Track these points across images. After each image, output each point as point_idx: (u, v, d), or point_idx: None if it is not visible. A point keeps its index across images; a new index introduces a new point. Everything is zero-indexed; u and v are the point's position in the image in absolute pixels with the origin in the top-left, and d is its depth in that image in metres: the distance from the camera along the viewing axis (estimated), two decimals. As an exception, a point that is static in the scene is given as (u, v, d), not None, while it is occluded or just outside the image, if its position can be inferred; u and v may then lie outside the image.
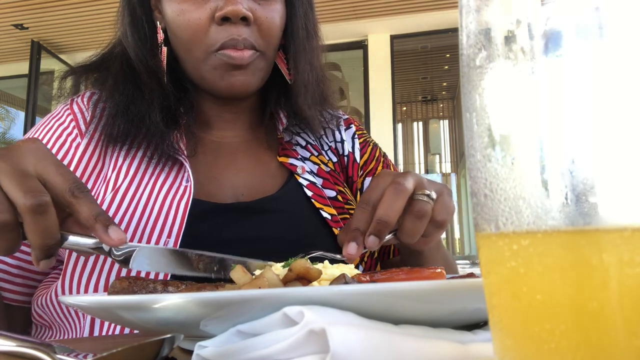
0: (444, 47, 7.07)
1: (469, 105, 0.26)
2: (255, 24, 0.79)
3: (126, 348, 0.32)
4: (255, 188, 0.85)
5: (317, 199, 0.86)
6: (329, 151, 0.97)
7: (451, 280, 0.36)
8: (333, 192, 0.89)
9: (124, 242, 0.55)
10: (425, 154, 10.68)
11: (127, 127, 0.79)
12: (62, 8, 5.36)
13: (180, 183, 0.78)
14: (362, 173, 0.97)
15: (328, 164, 0.94)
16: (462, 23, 0.26)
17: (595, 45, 0.22)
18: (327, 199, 0.87)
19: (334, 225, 0.83)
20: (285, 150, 0.91)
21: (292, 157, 0.91)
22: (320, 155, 0.94)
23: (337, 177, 0.93)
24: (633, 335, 0.21)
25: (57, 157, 0.78)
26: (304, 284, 0.46)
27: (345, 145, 0.98)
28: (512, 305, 0.24)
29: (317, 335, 0.31)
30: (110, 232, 0.54)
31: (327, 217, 0.83)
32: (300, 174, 0.88)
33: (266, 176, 0.88)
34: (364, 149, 1.00)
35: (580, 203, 0.22)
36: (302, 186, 0.86)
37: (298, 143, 0.94)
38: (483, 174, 0.25)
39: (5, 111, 7.93)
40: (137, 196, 0.76)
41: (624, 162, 0.22)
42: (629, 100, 0.22)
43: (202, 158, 0.86)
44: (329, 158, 0.96)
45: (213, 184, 0.83)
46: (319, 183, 0.88)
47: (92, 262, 0.71)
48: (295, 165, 0.89)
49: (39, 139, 0.80)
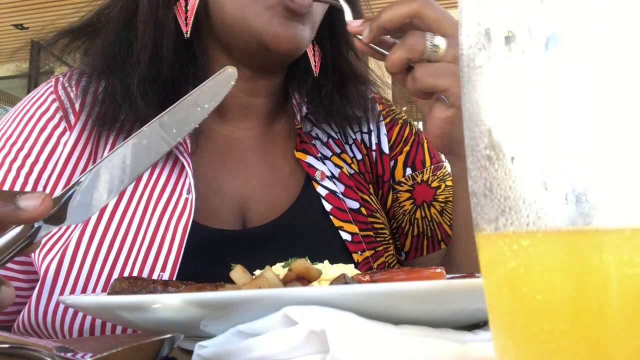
0: (444, 47, 7.06)
1: (469, 105, 0.26)
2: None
3: (126, 348, 0.31)
4: (265, 201, 0.75)
5: (337, 214, 0.75)
6: (353, 145, 0.85)
7: (451, 280, 0.36)
8: (356, 203, 0.78)
9: (50, 205, 0.41)
10: (425, 153, 10.67)
11: (113, 104, 0.69)
12: (62, 8, 5.36)
13: (180, 193, 0.69)
14: (392, 164, 0.84)
15: (352, 165, 0.82)
16: (462, 23, 0.26)
17: (596, 45, 0.22)
18: (349, 212, 0.76)
19: (354, 249, 0.74)
20: (304, 144, 0.80)
21: (311, 154, 0.79)
22: (343, 154, 0.83)
23: (362, 181, 0.82)
24: (633, 335, 0.21)
25: (41, 155, 0.69)
26: (304, 284, 0.46)
27: (372, 136, 0.85)
28: (512, 305, 0.24)
29: (317, 335, 0.31)
30: (24, 203, 0.40)
31: (346, 239, 0.74)
32: (319, 180, 0.77)
33: (279, 185, 0.78)
34: (391, 130, 0.86)
35: (580, 203, 0.22)
36: (321, 197, 0.75)
37: (318, 137, 0.83)
38: (483, 174, 0.25)
39: (5, 111, 7.92)
40: (129, 215, 0.67)
41: (624, 162, 0.22)
42: (629, 100, 0.22)
43: (208, 159, 0.76)
44: (353, 155, 0.84)
45: (217, 196, 0.74)
46: (341, 191, 0.77)
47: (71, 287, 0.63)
48: (314, 168, 0.78)
49: (17, 131, 0.70)
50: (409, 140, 0.87)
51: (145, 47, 0.69)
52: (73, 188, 0.44)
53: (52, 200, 0.41)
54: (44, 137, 0.71)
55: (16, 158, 0.70)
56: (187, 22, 0.69)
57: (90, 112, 0.71)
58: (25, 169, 0.69)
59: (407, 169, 0.85)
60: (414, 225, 0.83)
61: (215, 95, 0.47)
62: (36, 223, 0.42)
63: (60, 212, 0.43)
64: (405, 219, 0.84)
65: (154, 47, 0.69)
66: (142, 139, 0.45)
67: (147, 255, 0.65)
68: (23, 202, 0.40)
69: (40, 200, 0.40)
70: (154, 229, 0.66)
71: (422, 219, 0.83)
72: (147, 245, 0.65)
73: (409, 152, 0.86)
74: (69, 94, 0.74)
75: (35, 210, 0.40)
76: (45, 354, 0.35)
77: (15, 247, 0.42)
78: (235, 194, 0.75)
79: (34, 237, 0.43)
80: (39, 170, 0.70)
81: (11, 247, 0.42)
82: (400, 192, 0.84)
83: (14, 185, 0.69)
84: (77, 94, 0.73)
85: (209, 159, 0.76)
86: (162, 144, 0.45)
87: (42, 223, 0.43)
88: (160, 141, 0.45)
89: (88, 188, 0.44)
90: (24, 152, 0.70)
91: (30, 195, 0.41)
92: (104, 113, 0.71)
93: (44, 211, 0.41)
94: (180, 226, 0.66)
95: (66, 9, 5.35)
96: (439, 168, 0.87)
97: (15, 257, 0.42)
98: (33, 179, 0.69)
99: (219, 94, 0.47)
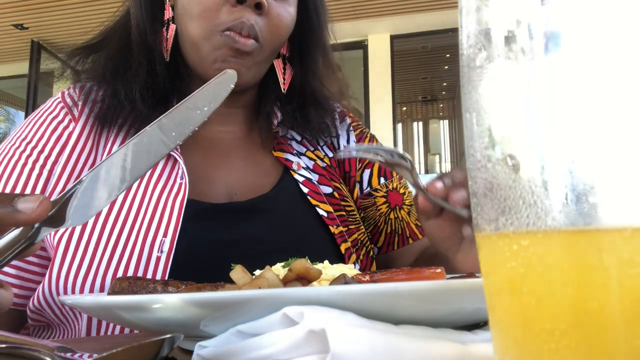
0: (444, 47, 7.08)
1: (469, 105, 0.26)
2: (267, 16, 0.79)
3: (126, 348, 0.32)
4: (249, 186, 0.85)
5: (313, 195, 0.85)
6: (324, 146, 0.97)
7: (451, 280, 0.36)
8: (329, 188, 0.89)
9: (47, 207, 0.41)
10: (425, 154, 10.69)
11: (113, 105, 0.79)
12: (62, 8, 5.37)
13: (174, 180, 0.78)
14: (360, 165, 0.97)
15: (324, 160, 0.94)
16: (462, 23, 0.26)
17: (596, 45, 0.22)
18: (324, 195, 0.87)
19: (330, 223, 0.83)
20: (281, 144, 0.91)
21: (288, 152, 0.90)
22: (317, 151, 0.95)
23: (333, 172, 0.93)
24: (633, 335, 0.21)
25: (53, 150, 0.79)
26: (304, 284, 0.46)
27: (341, 140, 0.98)
28: (512, 305, 0.24)
29: (317, 335, 0.31)
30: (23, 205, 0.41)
31: (323, 214, 0.83)
32: (295, 170, 0.87)
33: (260, 174, 0.87)
34: (361, 140, 1.00)
35: (580, 203, 0.22)
36: (298, 182, 0.86)
37: (293, 137, 0.94)
38: (483, 174, 0.25)
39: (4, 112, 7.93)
40: (132, 192, 0.76)
41: (624, 162, 0.22)
42: (629, 100, 0.22)
43: (195, 154, 0.85)
44: (325, 153, 0.96)
45: (206, 183, 0.83)
46: (315, 179, 0.88)
47: (80, 258, 0.70)
48: (291, 160, 0.89)
49: (32, 132, 0.81)
50: None
51: (141, 64, 0.82)
52: (72, 190, 0.43)
53: (50, 203, 0.42)
54: (55, 135, 0.81)
55: (31, 154, 0.79)
56: (167, 47, 0.84)
57: (91, 110, 0.82)
58: (40, 162, 0.79)
59: (381, 178, 0.97)
60: (387, 224, 0.96)
61: (214, 99, 0.47)
62: (35, 225, 0.42)
63: (59, 214, 0.43)
64: (381, 220, 0.96)
65: (148, 64, 0.82)
66: (141, 141, 0.45)
67: (150, 224, 0.72)
68: (21, 204, 0.40)
69: (37, 202, 0.41)
70: (153, 207, 0.74)
71: (395, 219, 0.96)
72: (148, 219, 0.73)
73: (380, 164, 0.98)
74: (73, 97, 0.85)
75: (32, 213, 0.41)
76: (45, 354, 0.35)
77: (15, 249, 0.42)
78: (222, 180, 0.84)
79: (34, 239, 0.42)
80: (51, 162, 0.79)
81: (10, 249, 0.42)
82: (377, 197, 0.96)
83: (29, 176, 0.78)
84: (80, 97, 0.84)
85: (195, 155, 0.86)
86: (162, 146, 0.45)
87: (41, 225, 0.42)
88: (159, 144, 0.45)
89: (87, 190, 0.44)
90: (38, 148, 0.80)
91: (28, 197, 0.41)
92: (105, 111, 0.81)
93: (41, 213, 0.41)
94: (177, 202, 0.75)
95: (66, 9, 5.36)
96: None
97: (15, 259, 0.43)
98: (47, 170, 0.79)
99: (218, 97, 0.47)
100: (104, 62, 0.85)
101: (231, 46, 0.78)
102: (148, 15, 0.84)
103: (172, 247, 0.71)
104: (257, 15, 0.78)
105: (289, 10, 0.83)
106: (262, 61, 0.84)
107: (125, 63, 0.83)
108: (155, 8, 0.85)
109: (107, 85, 0.82)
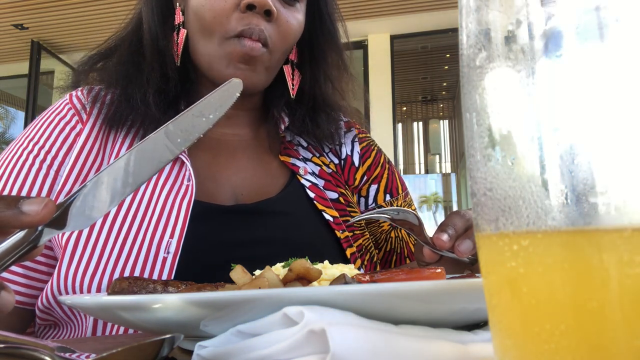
0: (444, 47, 7.08)
1: (469, 105, 0.26)
2: (275, 23, 0.81)
3: (126, 348, 0.32)
4: (255, 189, 0.85)
5: (320, 200, 0.86)
6: (329, 153, 0.98)
7: (451, 280, 0.36)
8: (335, 194, 0.89)
9: (52, 209, 0.42)
10: (425, 154, 10.69)
11: (124, 108, 0.80)
12: (62, 8, 5.36)
13: (182, 182, 0.78)
14: (366, 179, 0.98)
15: (330, 166, 0.94)
16: (462, 23, 0.26)
17: (596, 45, 0.22)
18: (330, 200, 0.87)
19: (337, 228, 0.84)
20: (287, 149, 0.92)
21: (294, 157, 0.91)
22: (322, 157, 0.95)
23: (338, 178, 0.94)
24: (633, 335, 0.21)
25: (61, 151, 0.80)
26: (304, 284, 0.46)
27: (344, 148, 0.99)
28: (512, 305, 0.24)
29: (317, 336, 0.31)
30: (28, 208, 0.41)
31: (329, 219, 0.84)
32: (302, 175, 0.88)
33: (267, 176, 0.88)
34: (367, 153, 1.00)
35: (580, 203, 0.22)
36: (304, 187, 0.86)
37: (300, 143, 0.95)
38: (483, 174, 0.25)
39: (5, 111, 7.93)
40: (139, 194, 0.76)
41: (624, 162, 0.22)
42: (629, 100, 0.22)
43: (202, 155, 0.86)
44: (330, 160, 0.96)
45: (212, 184, 0.83)
46: (321, 184, 0.89)
47: (87, 257, 0.71)
48: (298, 166, 0.89)
49: (39, 133, 0.82)
50: (385, 167, 1.00)
51: (154, 68, 0.83)
52: (77, 194, 0.44)
53: (54, 205, 0.42)
54: (62, 136, 0.81)
55: (39, 153, 0.80)
56: (178, 52, 0.84)
57: (99, 112, 0.83)
58: (47, 162, 0.79)
59: (387, 195, 0.98)
60: (387, 242, 0.97)
61: (220, 106, 0.48)
62: (39, 227, 0.42)
63: (63, 217, 0.43)
64: (382, 237, 0.97)
65: (160, 69, 0.83)
66: (146, 147, 0.45)
67: (157, 225, 0.73)
68: (26, 206, 0.41)
69: (42, 204, 0.41)
70: (160, 208, 0.75)
71: (395, 238, 0.97)
72: (155, 220, 0.73)
73: (387, 180, 0.99)
74: (81, 100, 0.86)
75: (37, 215, 0.41)
76: (45, 354, 0.35)
77: (19, 250, 0.42)
78: (228, 181, 0.85)
79: (37, 242, 0.42)
80: (58, 163, 0.79)
81: (14, 251, 0.42)
82: None
83: (36, 176, 0.78)
84: (89, 100, 0.85)
85: (202, 155, 0.86)
86: (166, 152, 0.46)
87: (44, 228, 0.43)
88: (164, 150, 0.46)
89: (91, 194, 0.44)
90: (45, 149, 0.80)
91: (33, 200, 0.41)
92: (114, 114, 0.82)
93: (46, 215, 0.41)
94: (184, 204, 0.75)
95: (66, 8, 5.36)
96: (407, 195, 1.02)
97: (18, 261, 0.43)
98: (54, 170, 0.79)
99: (224, 105, 0.48)
100: (115, 66, 0.85)
101: (241, 51, 0.78)
102: (159, 20, 0.85)
103: (178, 248, 0.71)
104: (266, 22, 0.79)
105: (297, 17, 0.84)
106: (271, 67, 0.85)
107: (137, 67, 0.84)
108: (166, 13, 0.86)
109: (117, 89, 0.83)
